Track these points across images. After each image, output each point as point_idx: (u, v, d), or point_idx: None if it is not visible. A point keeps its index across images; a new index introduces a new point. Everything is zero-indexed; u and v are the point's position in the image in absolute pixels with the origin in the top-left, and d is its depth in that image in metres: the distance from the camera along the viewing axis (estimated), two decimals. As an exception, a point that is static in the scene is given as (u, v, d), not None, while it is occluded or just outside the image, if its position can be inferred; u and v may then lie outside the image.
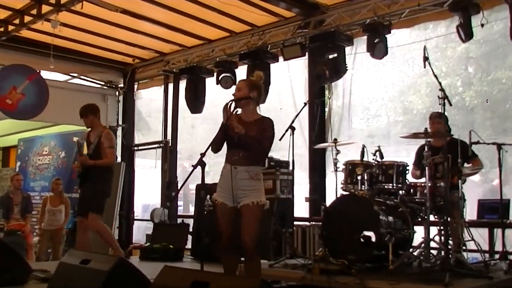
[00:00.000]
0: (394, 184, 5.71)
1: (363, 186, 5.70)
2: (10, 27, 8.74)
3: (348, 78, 7.97)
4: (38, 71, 9.42)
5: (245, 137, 4.39)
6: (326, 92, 8.29)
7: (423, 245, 5.34)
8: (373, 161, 5.79)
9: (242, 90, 4.61)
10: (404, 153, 6.81)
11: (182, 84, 9.99)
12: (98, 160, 6.49)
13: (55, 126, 12.15)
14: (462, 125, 6.78)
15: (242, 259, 4.68)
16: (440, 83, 5.16)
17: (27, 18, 8.32)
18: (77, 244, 6.74)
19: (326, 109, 8.24)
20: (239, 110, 4.62)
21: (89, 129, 6.91)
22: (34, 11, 8.05)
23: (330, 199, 5.93)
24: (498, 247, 6.04)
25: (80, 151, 6.59)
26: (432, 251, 5.34)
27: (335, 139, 6.24)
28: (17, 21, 8.51)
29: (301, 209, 7.86)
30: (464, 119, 7.06)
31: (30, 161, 12.43)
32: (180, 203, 11.02)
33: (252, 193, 4.43)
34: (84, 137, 7.09)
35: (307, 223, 7.49)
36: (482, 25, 6.46)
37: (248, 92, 4.58)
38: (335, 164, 5.98)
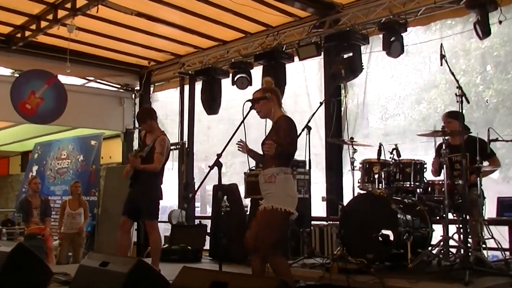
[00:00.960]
0: (412, 183, 5.69)
1: (380, 184, 5.68)
2: (27, 33, 8.85)
3: (364, 77, 7.94)
4: (56, 75, 9.51)
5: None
6: (342, 91, 8.27)
7: (442, 243, 5.31)
8: (390, 159, 5.77)
9: (261, 102, 4.63)
10: (421, 151, 6.78)
11: (198, 86, 10.03)
12: (148, 164, 6.46)
13: (73, 130, 12.25)
14: (481, 123, 6.72)
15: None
16: (457, 81, 5.13)
17: (43, 23, 8.40)
18: (118, 246, 6.66)
19: (342, 108, 8.22)
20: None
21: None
22: (50, 16, 8.13)
23: (347, 198, 5.91)
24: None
25: (134, 153, 6.59)
26: (451, 249, 5.31)
27: (352, 138, 6.22)
28: (33, 27, 8.61)
29: (318, 208, 7.84)
30: (483, 117, 6.99)
31: (48, 164, 12.52)
32: (197, 204, 11.06)
33: (266, 198, 4.44)
34: (141, 136, 7.03)
35: (324, 222, 7.47)
36: (500, 22, 6.40)
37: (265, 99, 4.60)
38: (352, 163, 5.97)
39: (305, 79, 8.88)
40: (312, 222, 7.21)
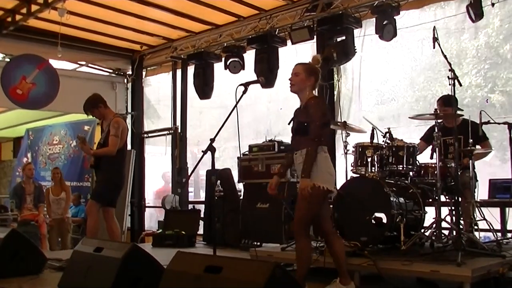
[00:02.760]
0: (405, 166, 5.69)
1: (373, 168, 5.68)
2: (18, 17, 8.76)
3: (357, 60, 7.93)
4: (47, 59, 9.44)
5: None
6: (335, 75, 8.26)
7: (434, 225, 5.34)
8: (383, 143, 5.78)
9: (300, 75, 4.54)
10: (416, 134, 6.78)
11: (191, 70, 9.99)
12: (103, 148, 6.38)
13: (66, 115, 12.20)
14: (477, 106, 6.74)
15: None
16: (449, 63, 5.11)
17: (34, 7, 8.33)
18: (108, 234, 6.65)
19: (335, 92, 8.21)
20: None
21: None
22: (40, 0, 8.05)
23: (340, 181, 5.91)
24: (510, 226, 6.04)
25: (82, 141, 6.49)
26: (443, 231, 5.36)
27: (345, 122, 6.22)
28: (24, 11, 8.53)
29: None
30: (481, 101, 7.02)
31: (40, 150, 12.48)
32: (190, 189, 11.07)
33: None
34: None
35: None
36: (493, 4, 6.40)
37: (306, 77, 4.53)
38: (345, 146, 5.97)
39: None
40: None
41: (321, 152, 4.42)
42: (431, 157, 5.75)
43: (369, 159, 5.69)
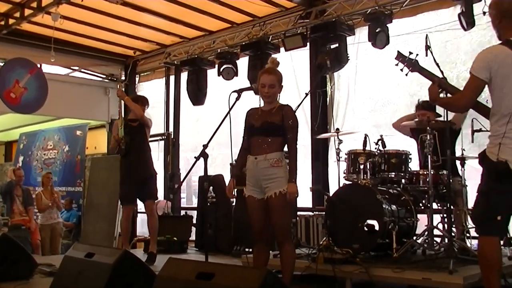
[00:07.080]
0: (397, 173, 5.71)
1: (365, 175, 5.69)
2: (11, 21, 8.74)
3: (352, 67, 7.94)
4: (39, 65, 9.42)
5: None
6: (328, 82, 8.27)
7: (426, 233, 5.36)
8: (376, 150, 5.79)
9: (276, 87, 4.56)
10: (412, 142, 6.79)
11: (184, 76, 9.98)
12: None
13: (57, 120, 12.17)
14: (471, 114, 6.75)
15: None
16: (442, 72, 5.13)
17: (27, 11, 8.32)
18: (149, 228, 7.22)
19: (328, 99, 8.22)
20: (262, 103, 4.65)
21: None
22: (34, 4, 8.05)
23: (333, 188, 5.92)
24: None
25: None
26: (435, 238, 5.37)
27: (337, 129, 6.23)
28: (17, 14, 8.51)
29: (304, 199, 7.86)
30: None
31: (33, 155, 12.43)
32: (183, 195, 11.04)
33: (274, 183, 4.40)
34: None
35: (310, 213, 7.49)
36: (484, 13, 6.43)
37: (279, 87, 4.58)
38: (338, 153, 5.97)
39: (293, 69, 8.84)
40: (298, 213, 7.22)
41: (284, 158, 4.49)
42: (422, 166, 5.77)
43: (361, 166, 5.71)
